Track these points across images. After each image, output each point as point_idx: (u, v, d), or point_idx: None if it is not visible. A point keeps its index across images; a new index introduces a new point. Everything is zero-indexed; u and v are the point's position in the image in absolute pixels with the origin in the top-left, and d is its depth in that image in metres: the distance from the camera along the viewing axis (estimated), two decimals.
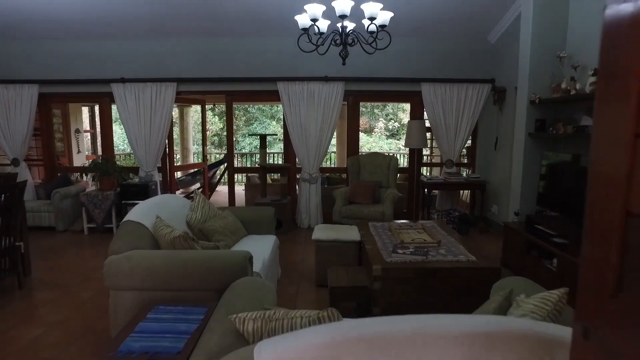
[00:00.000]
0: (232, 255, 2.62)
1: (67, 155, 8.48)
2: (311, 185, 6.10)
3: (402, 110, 16.66)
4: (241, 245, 3.62)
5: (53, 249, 5.13)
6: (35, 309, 3.50)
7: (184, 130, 10.37)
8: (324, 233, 3.84)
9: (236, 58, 6.00)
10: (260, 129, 16.24)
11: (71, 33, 5.90)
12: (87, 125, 9.81)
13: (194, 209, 3.62)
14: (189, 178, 9.07)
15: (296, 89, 5.91)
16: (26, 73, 6.16)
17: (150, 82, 5.94)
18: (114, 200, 5.66)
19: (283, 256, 4.66)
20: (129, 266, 2.58)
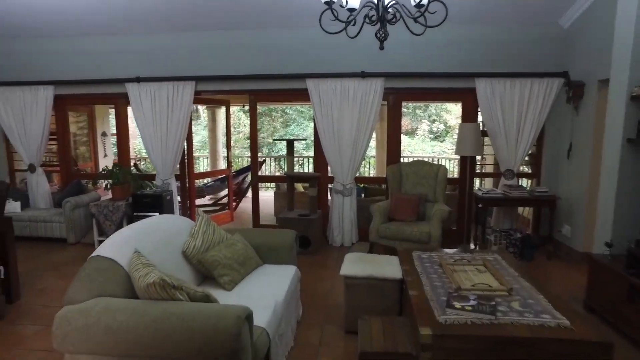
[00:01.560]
0: (222, 313, 1.88)
1: (93, 159, 8.16)
2: (345, 198, 5.31)
3: (446, 110, 15.54)
4: (251, 280, 2.89)
5: (57, 266, 4.64)
6: (6, 351, 2.92)
7: (214, 134, 9.86)
8: (356, 267, 3.04)
9: (260, 53, 5.31)
10: (298, 131, 15.61)
11: (84, 29, 5.44)
12: (115, 128, 9.51)
13: (193, 234, 2.93)
14: (217, 183, 8.51)
15: (328, 87, 5.14)
16: (41, 74, 5.77)
17: (167, 81, 5.37)
18: (125, 212, 5.12)
19: (309, 285, 3.92)
20: (84, 322, 1.90)
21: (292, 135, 15.31)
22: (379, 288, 2.95)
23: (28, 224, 5.48)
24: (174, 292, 2.02)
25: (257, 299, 2.56)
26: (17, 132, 5.87)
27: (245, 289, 2.74)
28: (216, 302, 2.12)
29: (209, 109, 9.59)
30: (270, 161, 11.77)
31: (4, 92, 5.83)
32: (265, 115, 16.20)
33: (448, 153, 14.76)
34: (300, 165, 11.22)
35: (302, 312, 3.33)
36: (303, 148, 14.83)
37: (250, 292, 2.68)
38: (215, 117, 9.62)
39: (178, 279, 2.22)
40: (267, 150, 15.82)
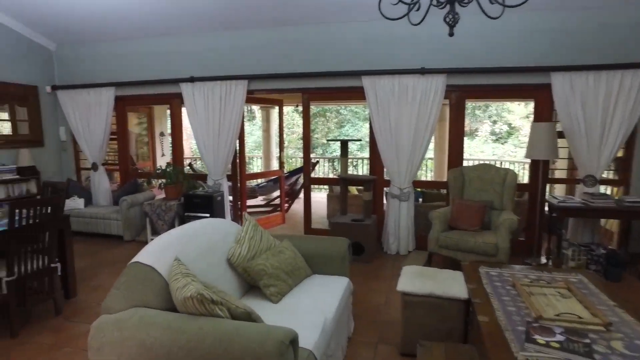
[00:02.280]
0: (263, 335, 1.66)
1: (151, 158, 8.41)
2: (402, 203, 4.97)
3: (508, 111, 14.55)
4: (299, 292, 2.67)
5: (113, 263, 4.71)
6: (57, 349, 2.92)
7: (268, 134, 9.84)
8: (416, 283, 2.73)
9: (313, 50, 5.10)
10: (352, 132, 15.34)
11: (142, 32, 5.58)
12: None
13: (239, 240, 2.76)
14: (270, 184, 8.44)
15: (385, 85, 4.82)
16: (104, 76, 5.97)
17: (220, 81, 5.32)
18: (177, 212, 5.13)
19: (361, 296, 3.64)
20: (119, 335, 1.77)
21: (346, 136, 15.06)
22: (441, 308, 2.62)
23: (89, 220, 5.67)
24: (212, 307, 1.84)
25: (304, 314, 2.34)
26: (82, 132, 6.11)
27: (292, 302, 2.53)
28: (259, 321, 1.91)
29: (263, 109, 9.59)
30: (323, 162, 11.60)
31: (72, 94, 6.10)
32: (319, 116, 16.10)
33: (511, 156, 13.83)
34: (354, 167, 10.94)
35: (353, 328, 3.07)
36: (357, 149, 14.54)
37: (298, 306, 2.46)
38: (269, 117, 9.61)
39: (220, 291, 2.05)
40: (321, 151, 15.70)
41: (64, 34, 5.88)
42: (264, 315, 2.22)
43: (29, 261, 3.18)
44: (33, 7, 5.17)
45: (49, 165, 6.26)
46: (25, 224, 3.08)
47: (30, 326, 3.25)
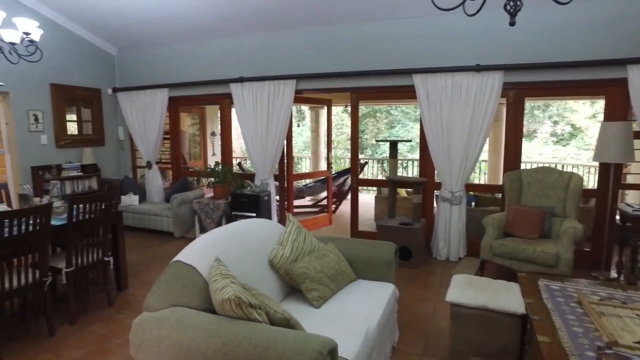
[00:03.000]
0: (301, 344, 1.58)
1: (202, 157, 8.66)
2: (453, 207, 4.73)
3: (571, 110, 13.55)
4: (342, 297, 2.58)
5: (163, 259, 4.86)
6: (108, 339, 3.02)
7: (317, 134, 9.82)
8: (466, 294, 2.54)
9: (362, 48, 4.98)
10: (403, 133, 15.02)
11: (194, 34, 5.75)
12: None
13: (282, 242, 2.71)
14: (318, 185, 8.40)
15: (437, 83, 4.61)
16: (158, 78, 6.22)
17: (268, 81, 5.34)
18: (224, 211, 5.20)
19: (407, 304, 3.49)
20: (157, 334, 1.76)
21: (396, 137, 14.77)
22: (494, 323, 2.42)
23: (143, 216, 5.91)
24: (250, 311, 1.79)
25: (346, 321, 2.24)
26: (138, 131, 6.39)
27: (334, 308, 2.44)
28: (297, 327, 1.84)
29: (312, 109, 9.58)
30: (373, 163, 11.41)
31: (131, 96, 6.40)
32: (369, 116, 15.91)
33: (574, 158, 12.90)
34: (404, 169, 10.67)
35: (398, 338, 2.92)
36: (407, 150, 14.19)
37: (340, 313, 2.36)
38: (319, 117, 9.58)
39: (260, 294, 2.00)
40: (371, 152, 15.51)
41: (124, 39, 6.21)
42: (304, 320, 2.16)
43: (86, 254, 3.33)
44: (98, 15, 5.49)
45: (108, 163, 6.61)
46: (82, 218, 3.22)
47: (86, 315, 3.41)
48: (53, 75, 5.73)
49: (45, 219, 2.91)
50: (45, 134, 5.70)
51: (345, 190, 7.90)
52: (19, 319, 3.02)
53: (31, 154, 5.53)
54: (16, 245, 2.79)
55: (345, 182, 7.97)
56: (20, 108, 5.40)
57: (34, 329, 3.16)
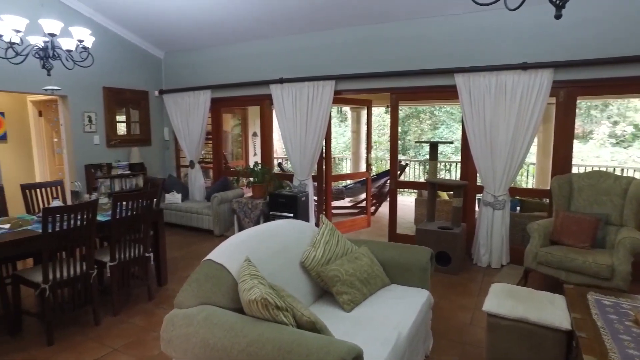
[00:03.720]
0: (325, 349, 1.55)
1: (244, 157, 8.83)
2: (496, 211, 4.52)
3: (635, 109, 12.60)
4: (374, 302, 2.52)
5: (202, 256, 4.94)
6: (148, 332, 3.14)
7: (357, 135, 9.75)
8: (505, 304, 2.41)
9: (402, 47, 4.88)
10: (447, 134, 14.63)
11: (235, 37, 5.88)
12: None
13: (315, 243, 2.69)
14: (358, 186, 8.33)
15: (480, 82, 4.43)
16: (202, 80, 6.41)
17: (308, 81, 5.35)
18: (262, 210, 5.27)
19: (443, 311, 3.37)
20: (186, 331, 1.80)
21: (440, 138, 14.41)
22: (535, 337, 2.28)
23: (185, 214, 6.10)
24: (277, 312, 1.78)
25: (377, 327, 2.19)
26: (182, 132, 6.62)
27: (365, 313, 2.39)
28: (324, 331, 1.81)
29: (353, 110, 9.52)
30: (415, 165, 11.18)
31: (175, 97, 6.64)
32: (412, 117, 15.64)
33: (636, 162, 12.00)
34: (447, 171, 10.38)
35: (432, 346, 2.82)
36: (452, 152, 13.80)
37: (371, 318, 2.31)
38: (360, 118, 9.51)
39: (288, 295, 1.99)
40: (414, 154, 15.24)
41: (171, 43, 6.46)
42: (333, 324, 2.13)
43: (128, 249, 3.48)
44: (147, 21, 5.76)
45: (154, 162, 6.89)
46: (125, 215, 3.37)
47: (128, 307, 3.56)
48: (105, 79, 6.05)
49: (91, 215, 3.06)
50: (98, 134, 6.03)
51: (385, 192, 7.78)
52: (69, 307, 3.20)
53: (85, 153, 5.86)
54: (66, 238, 2.96)
55: (385, 184, 7.85)
56: (76, 110, 5.74)
57: (82, 317, 3.35)
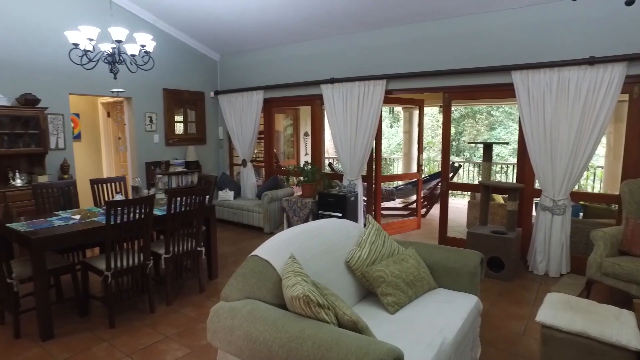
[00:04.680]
0: (364, 349, 1.53)
1: (295, 157, 8.96)
2: (555, 217, 4.26)
3: None
4: (419, 305, 2.47)
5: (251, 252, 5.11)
6: (197, 322, 3.27)
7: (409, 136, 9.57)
8: (562, 316, 2.26)
9: (455, 44, 4.72)
10: (505, 135, 13.99)
11: (288, 38, 6.00)
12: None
13: (360, 243, 2.68)
14: (409, 187, 8.19)
15: (540, 80, 4.18)
16: (255, 81, 6.59)
17: (358, 81, 5.33)
18: (311, 209, 5.32)
19: (493, 319, 3.23)
20: (230, 323, 1.85)
21: (497, 139, 13.80)
22: (596, 354, 2.12)
23: (236, 211, 6.30)
24: (318, 310, 1.79)
25: (421, 330, 2.14)
26: (235, 131, 6.84)
27: (410, 315, 2.34)
28: (365, 332, 1.80)
29: (405, 110, 9.37)
30: (469, 166, 10.80)
31: (230, 98, 6.88)
32: (467, 118, 15.12)
33: None
34: (503, 174, 9.92)
35: (479, 355, 2.71)
36: (510, 154, 13.17)
37: (415, 321, 2.26)
38: (412, 118, 9.33)
39: (331, 294, 1.99)
40: (468, 155, 14.73)
41: (226, 46, 6.70)
42: (376, 326, 2.11)
43: (181, 243, 3.65)
44: (205, 25, 6.03)
45: (208, 160, 7.18)
46: (179, 210, 3.53)
47: (181, 298, 3.73)
48: (165, 81, 6.39)
49: (149, 209, 3.25)
50: (157, 133, 6.38)
51: (437, 194, 7.58)
52: (128, 294, 3.42)
53: (145, 151, 6.23)
54: (126, 230, 3.16)
55: (437, 186, 7.65)
56: (139, 111, 6.11)
57: (139, 305, 3.57)
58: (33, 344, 2.97)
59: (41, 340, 2.99)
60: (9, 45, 4.75)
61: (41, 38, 4.99)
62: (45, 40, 5.01)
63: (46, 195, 4.06)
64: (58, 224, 3.31)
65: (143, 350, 2.88)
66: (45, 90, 4.99)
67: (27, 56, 4.90)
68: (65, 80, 5.22)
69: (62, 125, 5.25)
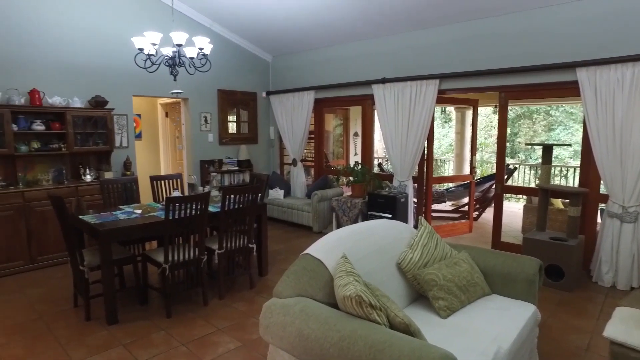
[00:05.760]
0: (417, 353, 1.51)
1: (344, 157, 8.96)
2: (624, 225, 3.96)
3: None
4: (472, 311, 2.39)
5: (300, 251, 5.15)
6: (248, 317, 3.37)
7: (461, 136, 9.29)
8: (635, 333, 2.10)
9: (512, 41, 4.51)
10: (565, 136, 13.20)
11: (339, 39, 6.02)
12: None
13: (412, 245, 2.64)
14: (460, 189, 7.95)
15: (610, 77, 3.90)
16: (306, 81, 6.66)
17: (410, 81, 5.24)
18: (361, 209, 5.30)
19: (552, 331, 3.07)
20: (283, 320, 1.89)
21: (556, 140, 13.05)
22: None
23: (286, 209, 6.40)
24: (370, 311, 1.78)
25: (474, 338, 2.08)
26: (286, 131, 6.95)
27: (462, 321, 2.28)
28: (417, 335, 1.77)
29: (458, 110, 9.10)
30: (525, 169, 10.30)
31: (281, 98, 7.00)
32: (523, 118, 14.42)
33: None
34: (563, 177, 9.37)
35: None
36: (570, 156, 12.41)
37: (468, 327, 2.20)
38: (464, 119, 9.05)
39: (382, 295, 1.98)
40: (524, 157, 14.05)
41: (278, 47, 6.84)
42: (428, 330, 2.07)
43: (234, 239, 3.77)
44: (257, 28, 6.18)
45: (260, 159, 7.36)
46: (232, 207, 3.65)
47: (232, 293, 3.85)
48: (220, 82, 6.62)
49: (204, 206, 3.38)
50: (212, 132, 6.62)
51: (490, 197, 7.31)
52: (183, 287, 3.58)
53: (200, 150, 6.49)
54: (183, 225, 3.31)
55: (490, 188, 7.36)
56: (195, 111, 6.38)
57: (193, 297, 3.72)
58: (100, 327, 3.19)
59: (107, 324, 3.22)
60: (84, 52, 5.14)
61: (111, 45, 5.34)
62: (114, 46, 5.36)
63: (112, 190, 4.34)
64: (122, 217, 3.53)
65: (197, 340, 3.00)
66: (111, 93, 5.33)
67: (98, 62, 5.26)
68: (130, 83, 5.55)
69: (126, 125, 5.58)
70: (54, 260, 4.61)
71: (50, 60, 4.88)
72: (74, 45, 5.05)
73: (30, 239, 4.45)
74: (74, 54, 5.05)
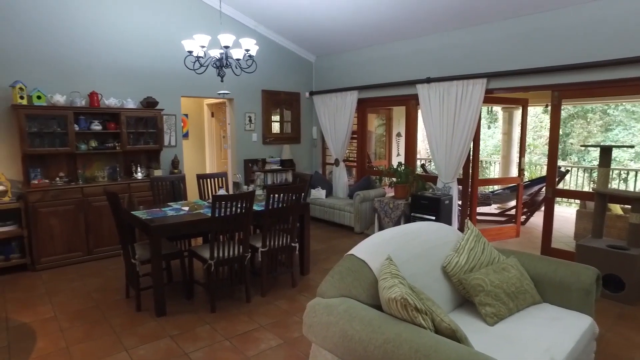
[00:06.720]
0: (464, 358, 1.48)
1: (387, 157, 8.87)
2: None
3: None
4: (521, 319, 2.30)
5: (342, 251, 5.17)
6: (290, 315, 3.40)
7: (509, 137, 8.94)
8: None
9: (566, 37, 4.27)
10: (624, 137, 12.37)
11: (382, 38, 5.95)
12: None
13: (458, 249, 2.57)
14: (507, 192, 7.66)
15: None
16: (348, 81, 6.66)
17: (456, 80, 5.10)
18: (403, 211, 5.22)
19: (613, 347, 2.89)
20: (327, 319, 1.90)
21: (613, 141, 12.27)
22: None
23: (328, 209, 6.42)
24: (415, 314, 1.75)
25: (524, 347, 2.00)
26: (329, 131, 6.97)
27: (511, 329, 2.19)
28: (464, 341, 1.72)
29: (505, 110, 8.77)
30: (578, 172, 9.77)
31: (324, 98, 7.03)
32: (576, 117, 13.67)
33: None
34: (623, 181, 8.80)
35: None
36: (631, 159, 11.64)
37: (517, 336, 2.11)
38: (512, 119, 8.70)
39: (427, 299, 1.95)
40: (577, 159, 13.32)
41: (322, 47, 6.87)
42: (474, 337, 2.01)
43: (277, 238, 3.82)
44: (301, 28, 6.24)
45: (302, 159, 7.42)
46: (276, 206, 3.70)
47: (275, 291, 3.91)
48: (264, 82, 6.73)
49: (249, 204, 3.45)
50: (255, 132, 6.75)
51: (539, 201, 6.99)
52: (227, 283, 3.68)
53: (244, 149, 6.64)
54: (228, 223, 3.40)
55: (539, 192, 7.04)
56: (240, 111, 6.53)
57: (236, 294, 3.81)
58: (150, 318, 3.34)
59: (156, 316, 3.36)
60: (138, 56, 5.39)
61: (162, 48, 5.57)
62: (165, 49, 5.58)
63: (161, 187, 4.53)
64: (170, 214, 3.67)
65: (240, 336, 3.07)
66: (161, 94, 5.56)
67: (150, 64, 5.51)
68: (178, 84, 5.76)
69: (174, 125, 5.80)
70: (108, 252, 4.87)
71: (107, 63, 5.16)
72: (129, 49, 5.31)
73: (88, 232, 4.73)
74: (128, 57, 5.31)
